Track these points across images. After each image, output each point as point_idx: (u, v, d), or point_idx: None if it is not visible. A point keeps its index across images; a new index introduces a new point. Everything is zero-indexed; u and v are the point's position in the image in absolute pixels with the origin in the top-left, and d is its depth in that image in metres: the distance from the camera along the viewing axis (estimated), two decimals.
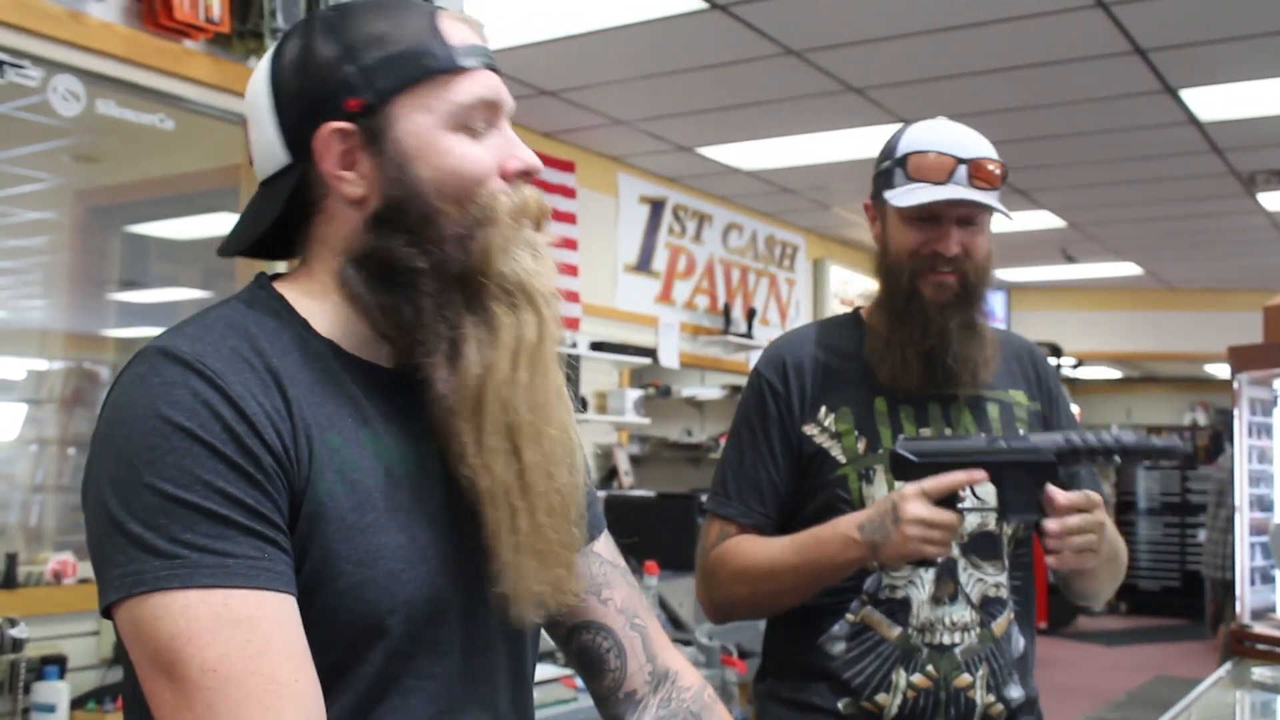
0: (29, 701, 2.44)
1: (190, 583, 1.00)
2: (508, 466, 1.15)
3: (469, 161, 1.19)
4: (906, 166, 2.04)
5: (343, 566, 1.09)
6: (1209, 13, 5.11)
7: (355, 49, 1.18)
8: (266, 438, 1.07)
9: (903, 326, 2.05)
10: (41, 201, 3.36)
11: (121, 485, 1.04)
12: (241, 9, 3.08)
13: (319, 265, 1.23)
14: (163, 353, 1.09)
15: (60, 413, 3.36)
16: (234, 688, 0.99)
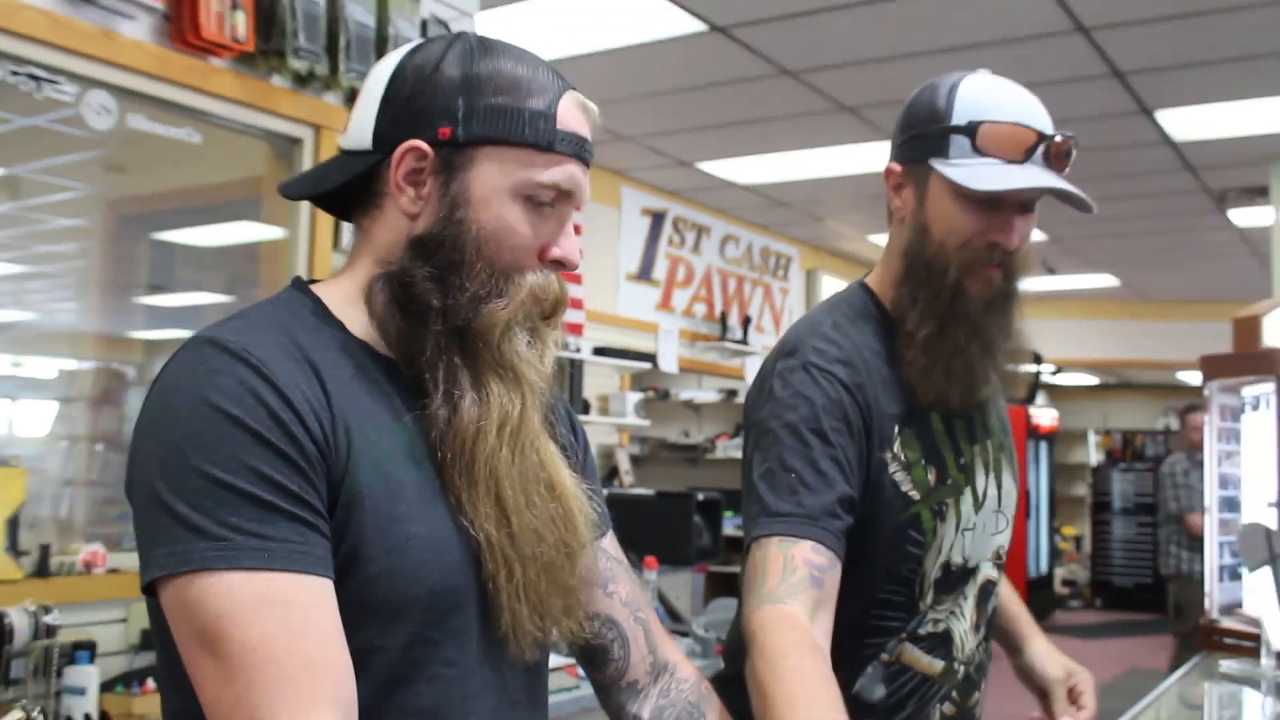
0: (61, 684, 2.45)
1: (235, 564, 1.00)
2: (499, 528, 1.15)
3: (517, 232, 1.18)
4: (976, 137, 1.61)
5: (374, 554, 1.08)
6: (1183, 38, 5.12)
7: (474, 86, 1.17)
8: (309, 425, 1.07)
9: (945, 333, 1.65)
10: (74, 209, 3.37)
11: (170, 468, 1.03)
12: (265, 29, 3.09)
13: (360, 263, 1.23)
14: (210, 342, 1.09)
15: (90, 411, 3.37)
16: (273, 667, 0.99)
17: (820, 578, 1.52)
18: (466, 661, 1.16)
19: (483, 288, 1.17)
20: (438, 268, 1.16)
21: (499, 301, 1.17)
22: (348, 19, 3.22)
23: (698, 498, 6.20)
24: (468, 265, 1.16)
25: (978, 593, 1.75)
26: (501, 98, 1.17)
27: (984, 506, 1.75)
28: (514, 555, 1.15)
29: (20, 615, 2.26)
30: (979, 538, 1.74)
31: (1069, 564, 14.46)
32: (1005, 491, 1.80)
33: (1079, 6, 4.79)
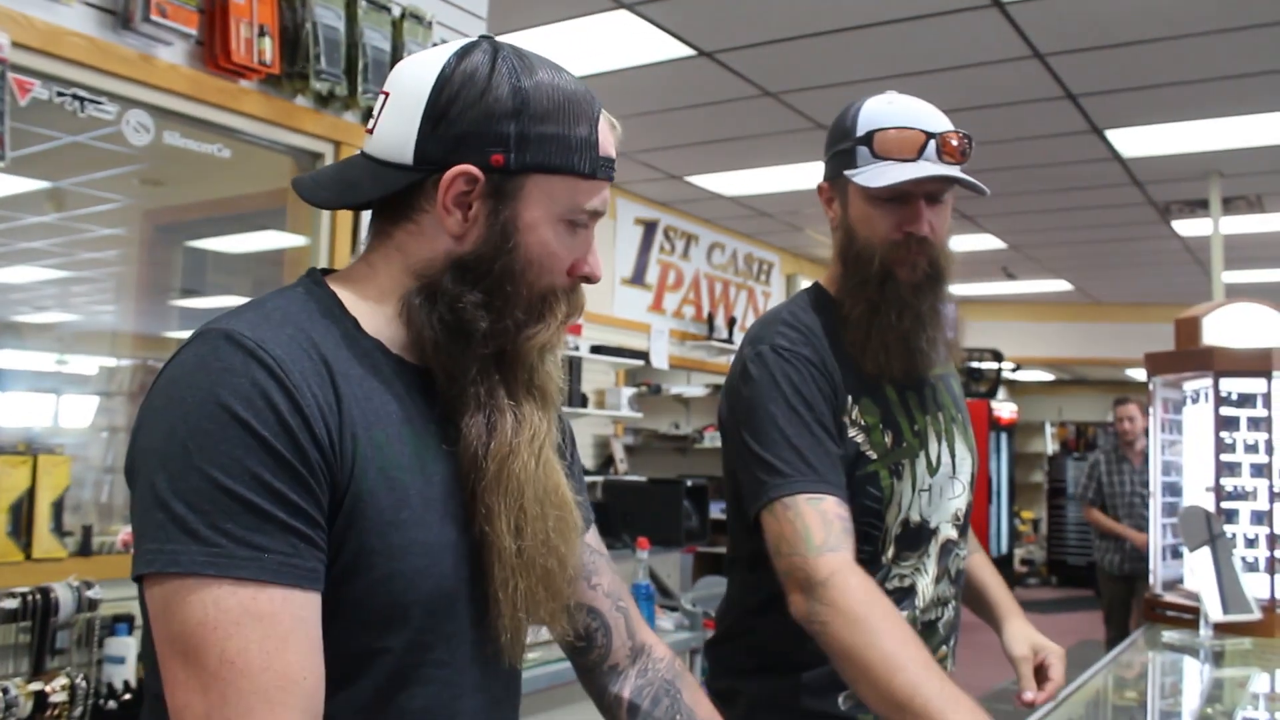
0: (103, 654, 2.45)
1: (225, 573, 0.92)
2: (513, 541, 1.09)
3: (558, 255, 1.13)
4: (872, 144, 1.70)
5: (375, 560, 1.02)
6: (1131, 63, 5.13)
7: (526, 112, 1.09)
8: (316, 431, 0.99)
9: (879, 314, 1.72)
10: (114, 220, 3.37)
11: (171, 464, 0.95)
12: (290, 53, 3.09)
13: (386, 270, 1.14)
14: (226, 336, 0.99)
15: (128, 404, 3.37)
16: (246, 681, 0.92)
17: (849, 528, 1.61)
18: (458, 663, 1.11)
19: (525, 314, 1.11)
20: (486, 293, 1.10)
21: (539, 327, 1.12)
22: (365, 44, 3.22)
23: (687, 484, 6.22)
24: (513, 294, 1.10)
25: (939, 550, 1.79)
26: (550, 125, 1.10)
27: (938, 471, 1.80)
28: (521, 567, 1.10)
29: (65, 590, 2.27)
30: (936, 500, 1.79)
31: (1027, 545, 14.48)
32: (959, 459, 1.84)
33: (1034, 34, 4.80)
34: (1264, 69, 5.16)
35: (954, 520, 1.83)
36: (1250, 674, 3.24)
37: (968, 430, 1.90)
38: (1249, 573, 3.63)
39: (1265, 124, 6.00)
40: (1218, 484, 3.83)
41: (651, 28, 4.85)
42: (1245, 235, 8.46)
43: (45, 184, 3.08)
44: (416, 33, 3.39)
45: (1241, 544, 3.77)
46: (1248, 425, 3.83)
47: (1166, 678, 3.35)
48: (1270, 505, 3.78)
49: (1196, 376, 4.04)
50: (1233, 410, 3.85)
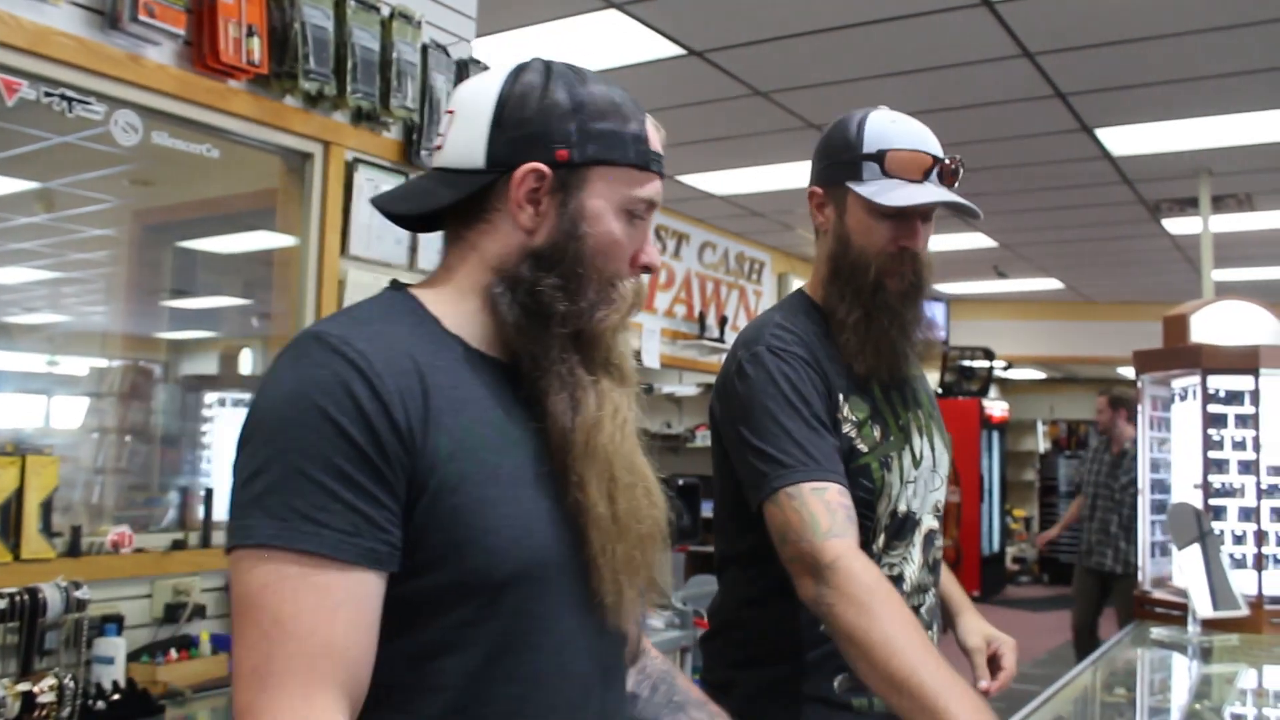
0: (91, 654, 2.45)
1: (289, 545, 1.00)
2: (607, 507, 1.16)
3: (621, 244, 1.22)
4: (883, 162, 1.79)
5: (469, 534, 1.08)
6: (1120, 62, 5.14)
7: (584, 110, 1.20)
8: (396, 419, 1.06)
9: (873, 320, 1.82)
10: (104, 220, 3.37)
11: (259, 450, 1.04)
12: (278, 53, 3.08)
13: (464, 270, 1.22)
14: (315, 337, 1.09)
15: (119, 405, 3.37)
16: (293, 644, 0.99)
17: (853, 515, 1.68)
18: (565, 629, 1.16)
19: (597, 295, 1.20)
20: (561, 278, 1.18)
21: (610, 307, 1.21)
22: (354, 44, 3.22)
23: (678, 483, 6.21)
24: (584, 277, 1.19)
25: (922, 540, 1.88)
26: (607, 123, 1.20)
27: (921, 464, 1.89)
28: (617, 532, 1.16)
29: (52, 590, 2.26)
30: (920, 491, 1.87)
31: (1019, 543, 14.50)
32: (938, 453, 1.94)
33: (1024, 33, 4.81)
34: (1253, 68, 5.18)
35: (935, 511, 1.92)
36: (1238, 670, 3.25)
37: (941, 427, 2.00)
38: (1236, 569, 3.65)
39: (1255, 122, 6.02)
40: (1205, 481, 3.84)
41: (641, 27, 4.85)
42: (1235, 234, 8.49)
43: (34, 185, 3.08)
44: (405, 32, 3.39)
45: (1229, 541, 3.78)
46: (1235, 422, 3.84)
47: (1156, 674, 3.36)
48: (1258, 502, 3.79)
49: (1184, 374, 4.06)
50: (1220, 408, 3.86)
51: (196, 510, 3.02)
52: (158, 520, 3.17)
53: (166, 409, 3.55)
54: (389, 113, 3.37)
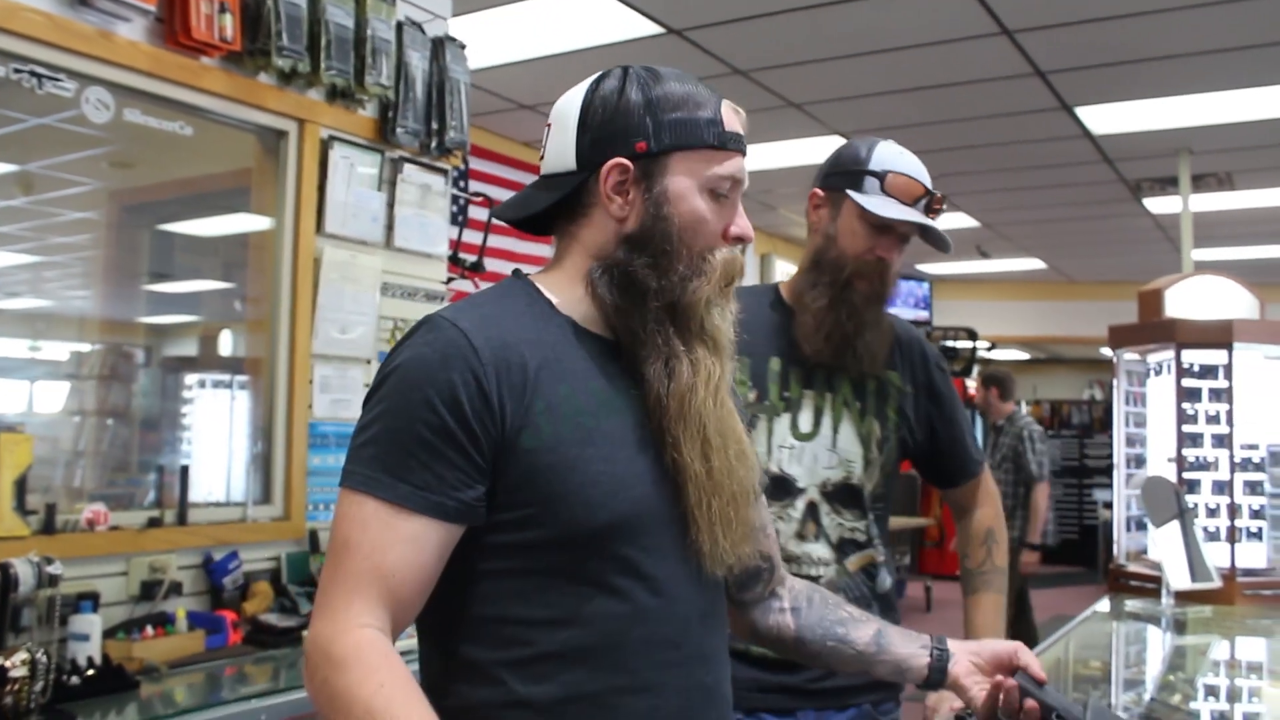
0: (66, 632, 2.44)
1: (371, 492, 1.20)
2: (702, 465, 1.29)
3: (707, 220, 1.33)
4: (885, 181, 2.03)
5: (567, 488, 1.23)
6: (1100, 40, 5.15)
7: (656, 105, 1.31)
8: (487, 390, 1.22)
9: (833, 310, 2.04)
10: (83, 203, 3.35)
11: (371, 410, 1.25)
12: (252, 30, 3.08)
13: (570, 259, 1.36)
14: (428, 319, 1.27)
15: (99, 388, 3.36)
16: (352, 562, 1.19)
17: None
18: (664, 576, 1.28)
19: (687, 269, 1.31)
20: (652, 256, 1.30)
21: (701, 280, 1.31)
22: (328, 21, 3.21)
23: None
24: (674, 252, 1.31)
25: (805, 509, 2.07)
26: (679, 113, 1.31)
27: (809, 439, 2.09)
28: (712, 488, 1.29)
29: (24, 565, 2.26)
30: (803, 461, 2.08)
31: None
32: (842, 439, 2.11)
33: (1002, 10, 4.81)
34: (1233, 45, 5.18)
35: (822, 487, 2.09)
36: (1211, 641, 3.28)
37: (867, 423, 2.13)
38: (1210, 542, 3.68)
39: (1234, 101, 6.03)
40: (1180, 455, 3.87)
41: (620, 5, 4.84)
42: (1215, 213, 8.51)
43: (11, 168, 3.06)
44: (380, 9, 3.38)
45: (1203, 514, 3.81)
46: (1209, 396, 3.87)
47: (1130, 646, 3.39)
48: (1231, 475, 3.82)
49: (1159, 349, 4.08)
50: (1194, 382, 3.88)
51: (174, 489, 3.02)
52: (138, 500, 3.17)
53: (147, 391, 3.55)
54: (364, 90, 3.36)
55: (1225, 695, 2.75)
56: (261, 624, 2.92)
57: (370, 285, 3.44)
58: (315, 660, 1.18)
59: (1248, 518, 3.83)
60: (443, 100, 3.61)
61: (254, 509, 3.18)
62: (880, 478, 2.13)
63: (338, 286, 3.35)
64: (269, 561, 3.15)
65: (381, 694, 1.13)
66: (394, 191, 3.53)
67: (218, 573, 2.97)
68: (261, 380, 3.34)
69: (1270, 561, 3.87)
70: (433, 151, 3.64)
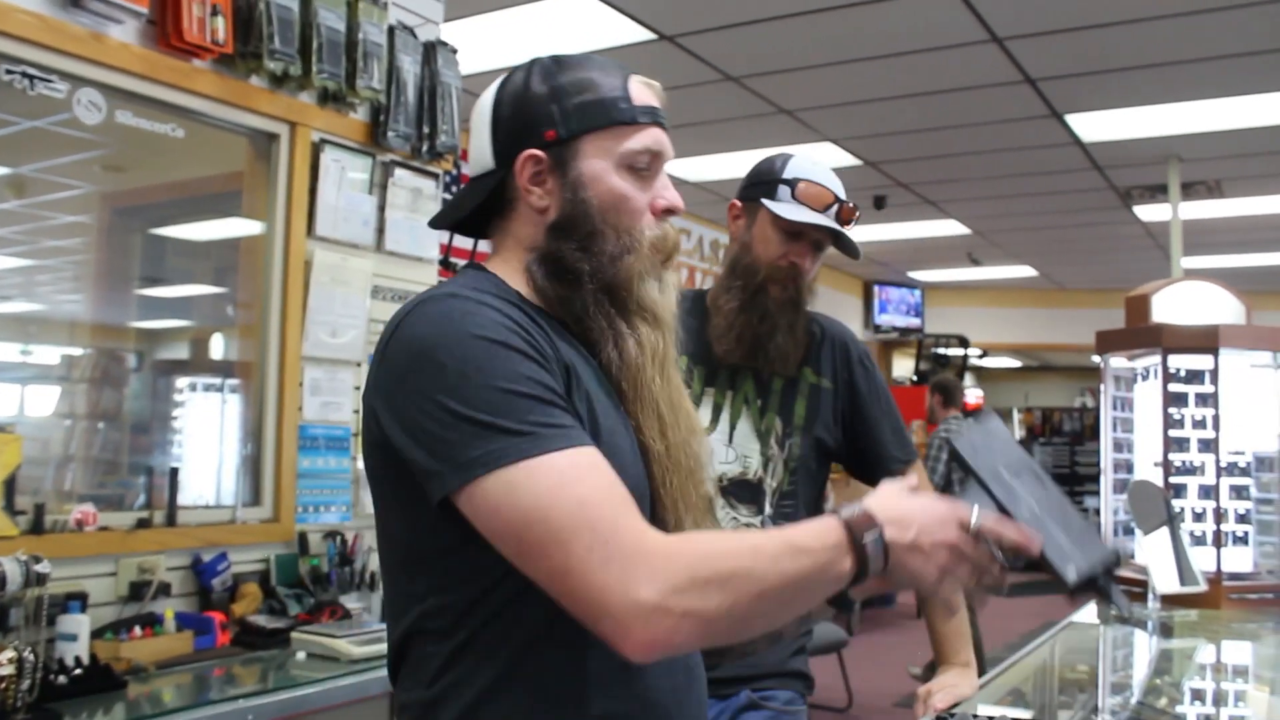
0: (54, 632, 2.45)
1: (548, 449, 1.11)
2: (661, 443, 1.31)
3: (628, 196, 1.32)
4: (795, 189, 2.11)
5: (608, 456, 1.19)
6: (1090, 47, 5.18)
7: (561, 92, 1.31)
8: (545, 350, 1.20)
9: (745, 312, 2.12)
10: (75, 206, 3.35)
11: (460, 390, 1.12)
12: (244, 33, 3.09)
13: (508, 254, 1.35)
14: (450, 296, 1.21)
15: (90, 391, 3.36)
16: (607, 507, 1.09)
17: None
18: None
19: (614, 247, 1.30)
20: (579, 241, 1.30)
21: (630, 256, 1.31)
22: (320, 24, 3.22)
23: None
24: (599, 233, 1.30)
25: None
26: (584, 96, 1.31)
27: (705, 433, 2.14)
28: (671, 465, 1.31)
29: (12, 564, 2.26)
30: None
31: None
32: (739, 435, 2.16)
33: (993, 18, 4.84)
34: (1222, 54, 5.22)
35: (718, 481, 2.15)
36: (1197, 645, 3.29)
37: (768, 419, 2.18)
38: (1196, 546, 3.69)
39: (1224, 109, 6.06)
40: (1166, 459, 3.89)
41: (612, 11, 4.86)
42: (1204, 220, 8.55)
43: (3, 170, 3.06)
44: (372, 14, 3.39)
45: (1189, 518, 3.82)
46: (1195, 401, 3.88)
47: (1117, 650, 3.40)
48: (1217, 480, 3.84)
49: (1146, 354, 4.10)
50: (1181, 386, 3.90)
51: (164, 491, 3.03)
52: (128, 502, 3.17)
53: (138, 394, 3.55)
54: (355, 94, 3.37)
55: (1211, 699, 2.76)
56: (250, 625, 2.92)
57: (361, 288, 3.45)
58: (671, 600, 1.06)
59: (1233, 522, 3.84)
60: (434, 104, 3.63)
61: (243, 511, 3.19)
62: (785, 474, 2.16)
63: (328, 290, 3.36)
64: (258, 563, 3.15)
65: (750, 543, 1.13)
66: (385, 195, 3.55)
67: (207, 574, 2.97)
68: (252, 383, 3.35)
69: (1256, 566, 3.89)
70: (424, 155, 3.65)
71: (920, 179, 7.88)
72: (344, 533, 3.31)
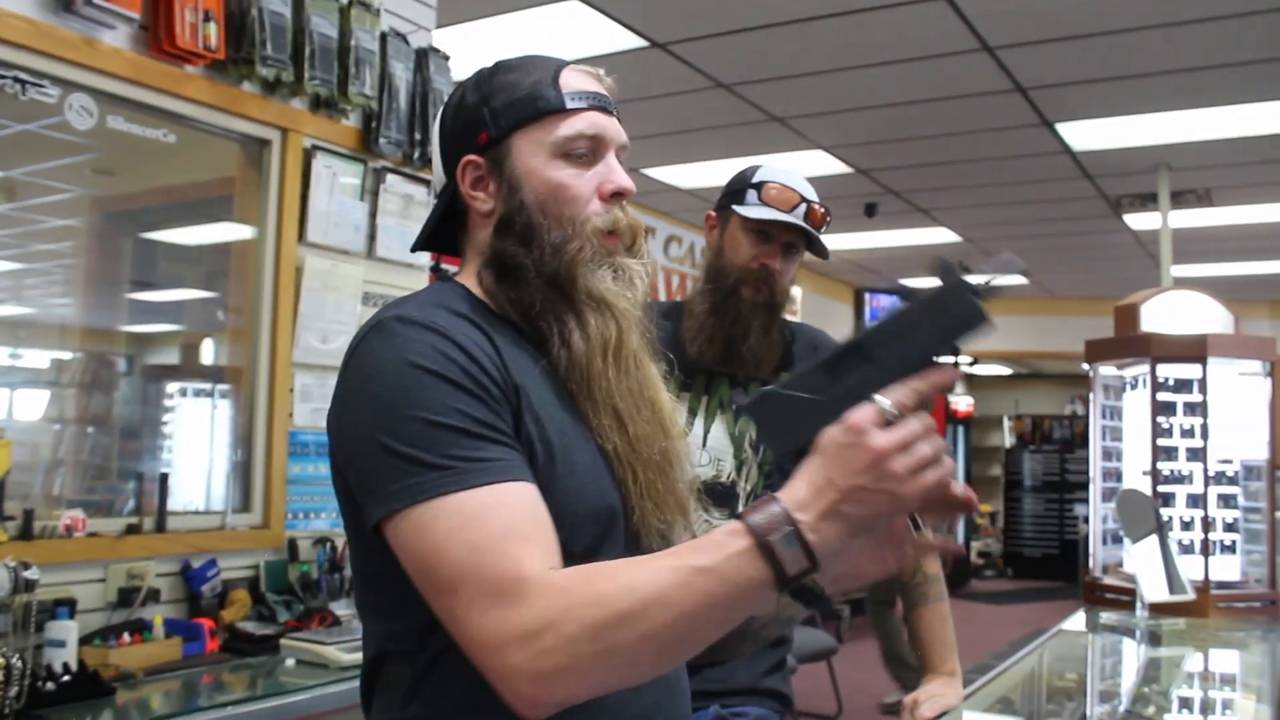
0: (42, 638, 2.44)
1: (462, 485, 1.09)
2: (620, 437, 1.26)
3: (567, 185, 1.29)
4: (761, 191, 2.15)
5: (550, 479, 1.17)
6: (1080, 56, 5.20)
7: (491, 95, 1.31)
8: (490, 374, 1.17)
9: (717, 314, 2.15)
10: (65, 210, 3.35)
11: (387, 420, 1.12)
12: (235, 39, 3.09)
13: (470, 263, 1.35)
14: (399, 320, 1.18)
15: (79, 395, 3.36)
16: (488, 557, 1.05)
17: None
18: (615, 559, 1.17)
19: (557, 237, 1.27)
20: (519, 236, 1.28)
21: (573, 244, 1.27)
22: (312, 30, 3.23)
23: None
24: (538, 225, 1.28)
25: None
26: (511, 93, 1.30)
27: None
28: (635, 460, 1.26)
29: (0, 570, 2.26)
30: None
31: (985, 538, 14.61)
32: (713, 438, 2.18)
33: (984, 27, 4.86)
34: (1212, 63, 5.24)
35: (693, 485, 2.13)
36: (1185, 653, 3.31)
37: (742, 423, 2.21)
38: (1184, 555, 3.70)
39: (1213, 118, 6.08)
40: (1155, 468, 3.90)
41: (604, 19, 4.86)
42: (1194, 229, 8.57)
43: None
44: (364, 20, 3.40)
45: (1178, 527, 3.84)
46: (1184, 410, 3.90)
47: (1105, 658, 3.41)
48: (1205, 489, 3.85)
49: (1135, 363, 4.12)
50: (1169, 395, 3.92)
51: (153, 496, 3.02)
52: (117, 508, 3.17)
53: (127, 399, 3.55)
54: (347, 100, 3.37)
55: (1199, 707, 2.77)
56: (239, 632, 2.92)
57: (352, 295, 3.45)
58: (542, 662, 1.02)
59: (1221, 531, 3.86)
60: (426, 111, 3.63)
61: (233, 517, 3.19)
62: (760, 478, 2.17)
63: (319, 295, 3.37)
64: (248, 569, 3.15)
65: (623, 579, 1.04)
66: (376, 201, 3.55)
67: (196, 580, 2.97)
68: (242, 388, 3.35)
69: (1244, 575, 3.91)
70: (415, 162, 3.65)
71: (911, 187, 7.90)
72: (334, 539, 3.31)
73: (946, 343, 1.08)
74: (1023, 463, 14.67)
